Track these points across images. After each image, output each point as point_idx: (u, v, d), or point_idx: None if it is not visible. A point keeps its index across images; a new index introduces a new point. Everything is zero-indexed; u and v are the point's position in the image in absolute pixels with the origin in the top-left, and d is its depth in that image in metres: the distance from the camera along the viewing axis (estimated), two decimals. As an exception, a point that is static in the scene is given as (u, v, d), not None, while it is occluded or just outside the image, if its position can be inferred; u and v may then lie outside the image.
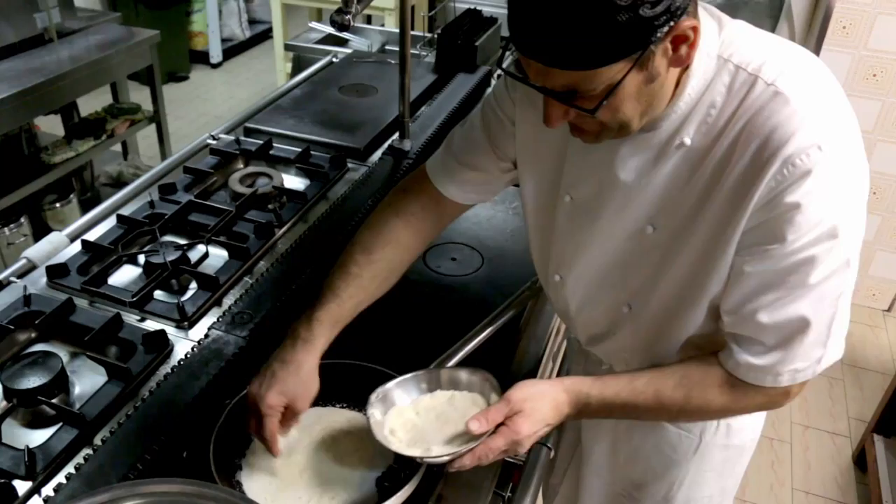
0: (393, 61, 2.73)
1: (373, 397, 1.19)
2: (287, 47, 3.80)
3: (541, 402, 1.13)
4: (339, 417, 1.31)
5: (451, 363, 1.34)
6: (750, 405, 1.15)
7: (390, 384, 1.20)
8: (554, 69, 0.90)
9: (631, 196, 1.11)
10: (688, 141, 1.03)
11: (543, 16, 0.86)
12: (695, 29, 0.91)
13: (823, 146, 0.94)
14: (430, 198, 1.37)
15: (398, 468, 1.20)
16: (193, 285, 1.63)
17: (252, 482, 1.18)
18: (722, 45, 1.01)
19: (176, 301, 1.53)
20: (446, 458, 1.08)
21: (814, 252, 0.98)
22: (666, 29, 0.88)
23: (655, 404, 1.14)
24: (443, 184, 1.35)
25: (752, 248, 1.02)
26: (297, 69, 3.52)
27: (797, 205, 0.95)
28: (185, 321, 1.51)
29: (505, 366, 1.47)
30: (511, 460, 1.31)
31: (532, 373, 1.49)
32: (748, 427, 1.37)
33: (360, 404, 1.30)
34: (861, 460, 2.78)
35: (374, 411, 1.17)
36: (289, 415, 1.20)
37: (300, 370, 1.20)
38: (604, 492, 1.53)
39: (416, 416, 1.17)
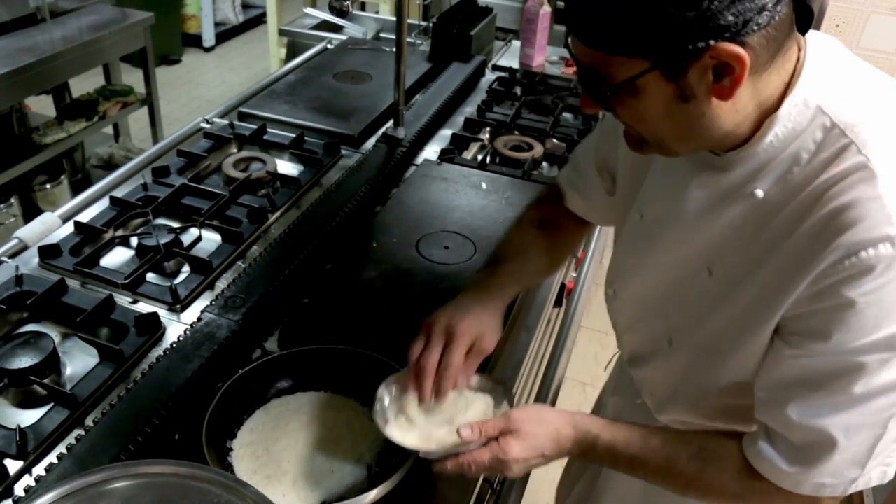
0: (388, 49, 2.72)
1: (385, 383, 1.18)
2: (281, 32, 3.79)
3: (541, 428, 1.06)
4: (333, 403, 1.31)
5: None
6: (766, 501, 1.02)
7: (404, 371, 1.19)
8: (579, 42, 0.88)
9: (691, 232, 1.05)
10: (760, 193, 0.94)
11: None
12: (741, 62, 0.80)
13: None
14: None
15: (389, 455, 1.21)
16: (186, 268, 1.63)
17: (243, 464, 1.19)
18: (825, 92, 0.90)
19: (169, 284, 1.53)
20: (433, 455, 1.07)
21: (864, 360, 0.86)
22: (702, 45, 0.79)
23: (665, 468, 1.05)
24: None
25: (795, 337, 0.92)
26: (291, 55, 3.51)
27: (852, 303, 0.84)
28: (178, 304, 1.51)
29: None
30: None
31: (519, 362, 1.50)
32: None
33: (354, 391, 1.31)
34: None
35: (384, 394, 1.16)
36: (472, 353, 1.16)
37: (496, 312, 1.20)
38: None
39: (420, 408, 1.16)
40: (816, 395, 0.91)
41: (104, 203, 1.81)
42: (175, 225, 1.74)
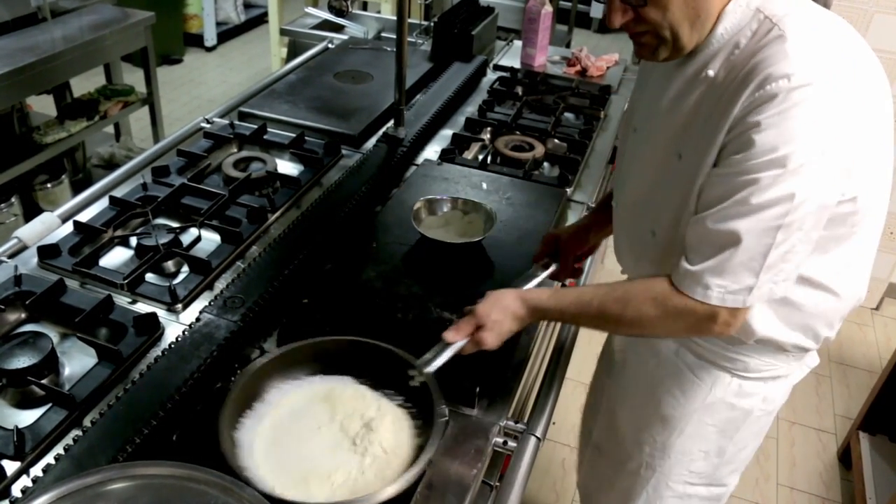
0: (389, 48, 2.72)
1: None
2: (282, 32, 3.79)
3: (502, 315, 1.30)
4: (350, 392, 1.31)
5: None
6: (679, 323, 1.21)
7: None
8: None
9: (665, 122, 1.25)
10: (711, 72, 1.16)
11: None
12: None
13: (794, 78, 1.03)
14: None
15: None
16: (185, 269, 1.63)
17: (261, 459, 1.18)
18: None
19: (168, 284, 1.53)
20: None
21: (759, 175, 1.05)
22: None
23: (598, 315, 1.26)
24: None
25: (720, 161, 1.13)
26: (292, 54, 3.51)
27: (757, 124, 1.05)
28: (177, 304, 1.51)
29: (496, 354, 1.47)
30: (500, 450, 1.32)
31: (521, 363, 1.49)
32: (759, 393, 1.43)
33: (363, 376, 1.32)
34: (846, 457, 2.80)
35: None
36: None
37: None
38: (616, 435, 1.67)
39: None
40: (726, 205, 1.10)
41: (104, 203, 1.81)
42: (174, 225, 1.74)
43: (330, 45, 2.90)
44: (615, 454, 1.70)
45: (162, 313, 1.49)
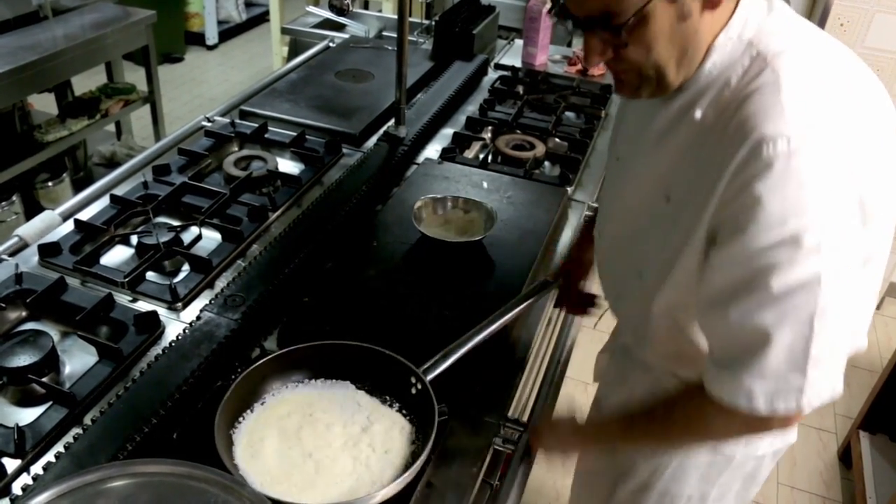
0: (390, 47, 2.72)
1: None
2: (284, 31, 3.79)
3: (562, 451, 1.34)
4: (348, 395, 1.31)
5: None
6: (733, 432, 1.12)
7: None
8: None
9: (651, 159, 1.15)
10: (698, 115, 1.04)
11: None
12: None
13: (793, 141, 0.90)
14: None
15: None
16: (186, 267, 1.63)
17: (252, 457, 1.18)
18: (759, 30, 1.01)
19: (168, 282, 1.53)
20: None
21: (774, 258, 0.93)
22: None
23: (650, 443, 1.24)
24: None
25: (722, 237, 0.99)
26: (293, 53, 3.52)
27: (759, 198, 0.92)
28: (178, 303, 1.51)
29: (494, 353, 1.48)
30: (500, 448, 1.32)
31: (521, 361, 1.49)
32: (738, 440, 1.32)
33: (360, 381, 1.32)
34: (846, 456, 2.80)
35: None
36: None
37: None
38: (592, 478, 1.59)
39: None
40: (743, 295, 0.97)
41: (104, 201, 1.81)
42: (175, 223, 1.74)
43: (331, 44, 2.91)
44: (598, 491, 1.61)
45: (162, 312, 1.49)
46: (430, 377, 1.26)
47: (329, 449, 1.19)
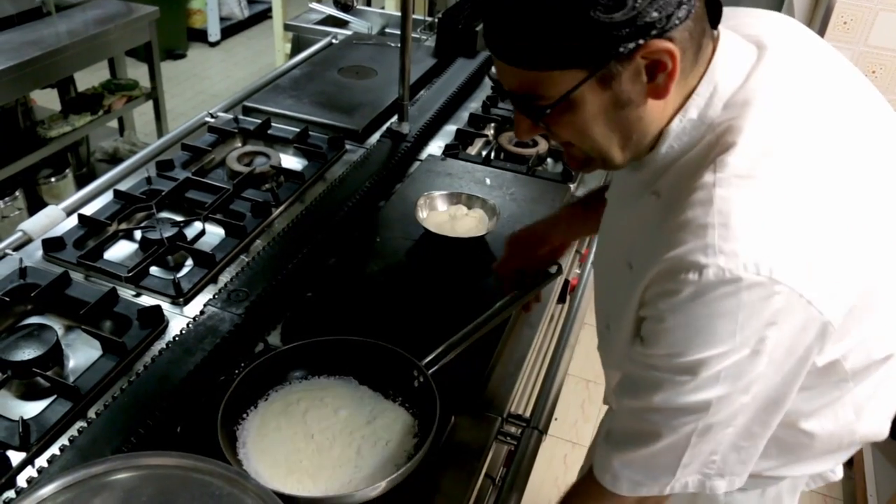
0: (393, 44, 2.72)
1: None
2: (286, 27, 3.78)
3: None
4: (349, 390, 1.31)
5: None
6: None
7: None
8: (510, 68, 0.87)
9: (617, 219, 1.11)
10: (654, 199, 0.96)
11: (497, 9, 0.83)
12: (671, 56, 0.82)
13: (709, 274, 0.81)
14: None
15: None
16: (189, 262, 1.63)
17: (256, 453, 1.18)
18: (726, 105, 0.90)
19: (172, 277, 1.53)
20: None
21: (666, 378, 0.89)
22: (632, 45, 0.80)
23: None
24: None
25: (637, 338, 0.96)
26: (296, 50, 3.51)
27: (662, 318, 0.87)
28: (181, 297, 1.51)
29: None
30: (503, 442, 1.32)
31: (522, 358, 1.50)
32: (716, 500, 1.25)
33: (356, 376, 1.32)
34: (847, 454, 2.80)
35: None
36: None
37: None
38: None
39: None
40: (631, 393, 0.97)
41: (108, 196, 1.81)
42: (179, 218, 1.74)
43: (334, 41, 2.91)
44: None
45: (166, 306, 1.49)
46: (431, 370, 1.26)
47: (332, 434, 1.20)
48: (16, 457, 1.16)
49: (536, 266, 1.51)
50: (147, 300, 1.51)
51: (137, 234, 1.68)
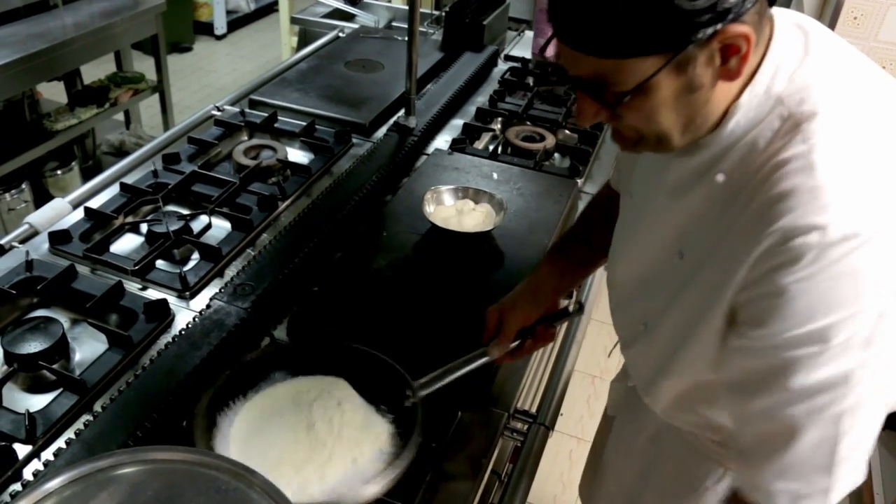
0: (400, 38, 2.71)
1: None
2: (293, 20, 3.78)
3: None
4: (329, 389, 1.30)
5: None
6: None
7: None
8: (582, 56, 0.85)
9: (666, 214, 1.06)
10: (720, 178, 0.94)
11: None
12: (747, 39, 0.82)
13: (829, 231, 0.81)
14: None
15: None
16: (196, 256, 1.63)
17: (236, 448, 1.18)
18: (790, 82, 0.90)
19: (178, 271, 1.53)
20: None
21: (796, 353, 0.86)
22: (710, 31, 0.80)
23: None
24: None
25: (744, 325, 0.92)
26: (302, 43, 3.50)
27: (784, 291, 0.84)
28: (187, 291, 1.51)
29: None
30: (509, 438, 1.32)
31: (522, 367, 1.49)
32: None
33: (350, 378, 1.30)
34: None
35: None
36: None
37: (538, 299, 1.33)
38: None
39: None
40: (765, 388, 0.90)
41: (114, 189, 1.81)
42: (185, 212, 1.74)
43: (341, 34, 2.90)
44: None
45: (172, 300, 1.49)
46: (424, 393, 1.21)
47: (320, 441, 1.19)
48: (22, 450, 1.16)
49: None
50: (153, 294, 1.51)
51: (144, 228, 1.68)
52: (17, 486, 1.11)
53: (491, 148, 2.13)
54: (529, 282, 1.35)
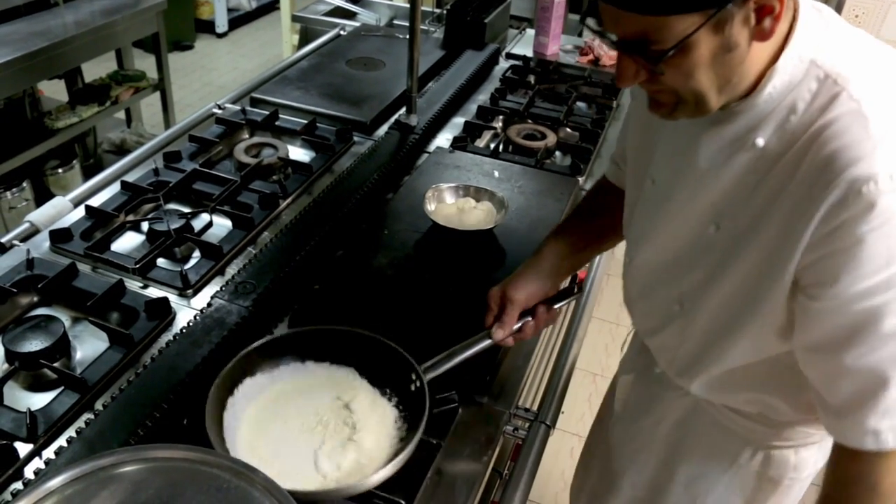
0: (401, 36, 2.71)
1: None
2: (294, 19, 3.78)
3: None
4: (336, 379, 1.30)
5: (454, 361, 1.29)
6: (871, 482, 1.02)
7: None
8: (625, 14, 0.88)
9: (700, 187, 1.07)
10: (761, 142, 0.98)
11: None
12: (781, 0, 0.86)
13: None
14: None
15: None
16: (197, 254, 1.63)
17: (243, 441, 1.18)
18: (818, 49, 0.95)
19: (179, 269, 1.53)
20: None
21: (882, 299, 0.89)
22: None
23: None
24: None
25: (815, 288, 0.94)
26: (303, 41, 3.50)
27: (861, 240, 0.87)
28: (188, 289, 1.51)
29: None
30: (510, 436, 1.32)
31: (530, 351, 1.49)
32: (787, 463, 1.28)
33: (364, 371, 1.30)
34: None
35: None
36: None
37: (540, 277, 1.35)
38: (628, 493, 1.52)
39: None
40: (854, 341, 0.93)
41: (115, 188, 1.81)
42: (186, 210, 1.74)
43: (342, 32, 2.89)
44: None
45: (173, 298, 1.49)
46: (430, 376, 1.23)
47: (326, 428, 1.19)
48: (23, 448, 1.16)
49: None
50: (154, 292, 1.51)
51: (145, 226, 1.68)
52: (18, 485, 1.11)
53: (492, 146, 2.13)
54: (529, 262, 1.37)
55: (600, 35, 0.95)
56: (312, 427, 1.19)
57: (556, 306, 1.36)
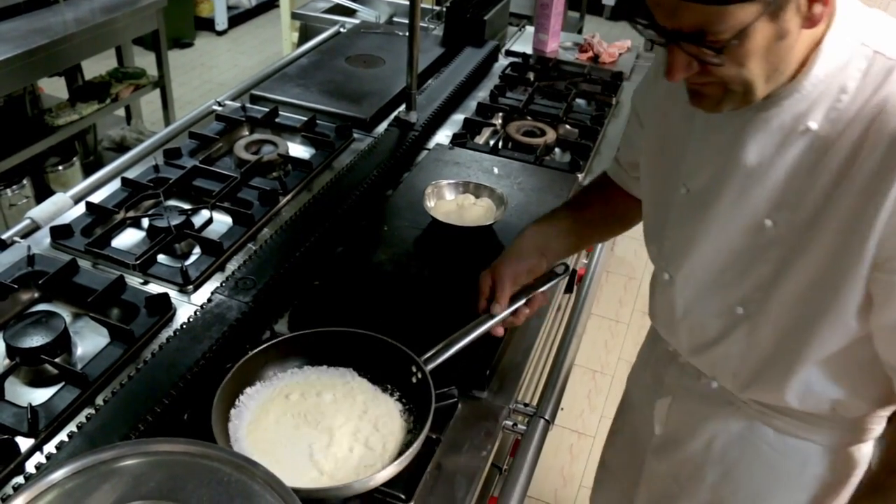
0: (401, 33, 2.71)
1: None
2: (294, 16, 3.78)
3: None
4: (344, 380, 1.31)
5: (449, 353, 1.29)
6: None
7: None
8: (685, 5, 0.86)
9: (750, 183, 1.05)
10: (814, 126, 0.97)
11: None
12: None
13: None
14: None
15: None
16: (197, 250, 1.63)
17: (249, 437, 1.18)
18: (862, 28, 0.95)
19: (179, 265, 1.54)
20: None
21: None
22: None
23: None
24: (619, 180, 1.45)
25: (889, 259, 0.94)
26: (303, 39, 3.51)
27: None
28: (189, 285, 1.51)
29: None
30: (509, 431, 1.32)
31: (529, 348, 1.49)
32: (852, 460, 1.23)
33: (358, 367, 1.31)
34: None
35: None
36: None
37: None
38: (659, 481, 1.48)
39: None
40: None
41: (116, 184, 1.81)
42: (186, 206, 1.74)
43: (342, 30, 2.90)
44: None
45: (174, 294, 1.49)
46: (430, 366, 1.23)
47: (329, 426, 1.19)
48: (24, 443, 1.17)
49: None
50: (154, 288, 1.51)
51: (145, 222, 1.68)
52: (19, 479, 1.12)
53: (492, 143, 2.14)
54: (514, 242, 1.39)
55: (650, 28, 0.92)
56: (316, 426, 1.20)
57: (542, 288, 1.36)
